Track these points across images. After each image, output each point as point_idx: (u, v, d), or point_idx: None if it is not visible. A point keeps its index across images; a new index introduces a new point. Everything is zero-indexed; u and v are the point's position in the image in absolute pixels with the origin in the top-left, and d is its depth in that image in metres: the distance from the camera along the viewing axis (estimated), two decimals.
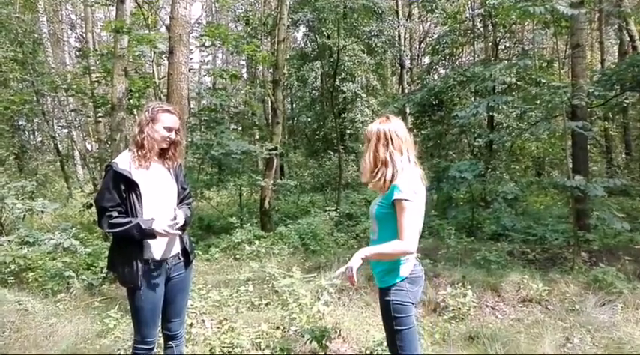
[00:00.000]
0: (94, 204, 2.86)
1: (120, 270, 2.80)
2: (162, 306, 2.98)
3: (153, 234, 2.69)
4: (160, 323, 3.00)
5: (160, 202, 2.84)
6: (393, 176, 2.52)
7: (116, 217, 2.68)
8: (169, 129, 2.87)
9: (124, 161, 2.78)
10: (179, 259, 2.97)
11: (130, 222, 2.66)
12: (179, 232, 2.81)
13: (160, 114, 2.84)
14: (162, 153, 2.93)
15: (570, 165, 6.39)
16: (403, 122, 2.69)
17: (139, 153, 2.79)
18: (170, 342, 3.10)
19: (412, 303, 2.58)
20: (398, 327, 2.54)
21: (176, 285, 3.00)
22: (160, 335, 3.16)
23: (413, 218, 2.45)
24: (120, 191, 2.70)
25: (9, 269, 6.22)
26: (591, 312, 4.51)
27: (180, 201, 3.01)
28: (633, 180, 12.47)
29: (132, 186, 2.72)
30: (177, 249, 2.95)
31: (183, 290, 3.07)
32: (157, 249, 2.82)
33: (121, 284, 2.91)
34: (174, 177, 2.98)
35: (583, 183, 5.50)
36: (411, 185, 2.48)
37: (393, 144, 2.56)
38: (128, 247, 2.75)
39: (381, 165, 2.56)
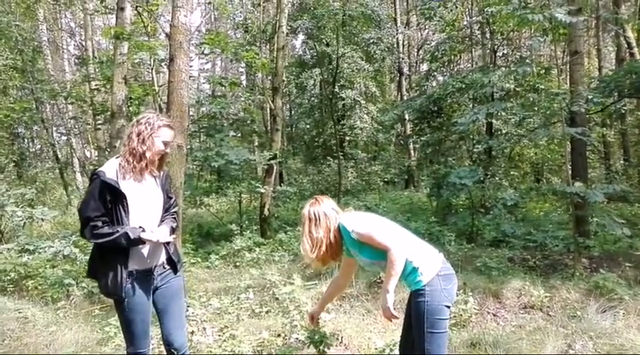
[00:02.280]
0: (77, 213, 2.80)
1: (103, 281, 2.72)
2: (159, 318, 2.96)
3: (142, 242, 2.66)
4: (150, 334, 2.94)
5: (146, 212, 2.80)
6: (335, 237, 2.72)
7: (101, 227, 2.61)
8: (166, 144, 2.87)
9: (111, 170, 2.72)
10: (164, 268, 2.93)
11: (117, 231, 2.60)
12: (171, 239, 2.81)
13: (162, 129, 2.83)
14: (155, 164, 2.91)
15: (570, 172, 6.39)
16: (331, 200, 2.89)
17: (137, 164, 2.75)
18: None
19: (448, 307, 2.58)
20: (430, 330, 2.50)
21: (166, 294, 2.94)
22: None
23: (375, 228, 2.61)
24: (105, 201, 2.64)
25: (9, 277, 6.21)
26: (593, 319, 4.50)
27: (166, 211, 2.97)
28: (632, 186, 12.49)
29: (119, 196, 2.67)
30: (162, 258, 2.91)
31: (174, 298, 2.99)
32: (140, 259, 2.77)
33: (103, 295, 2.86)
34: (161, 186, 2.94)
35: (583, 189, 5.51)
36: (351, 215, 2.78)
37: (321, 223, 2.73)
38: (112, 257, 2.68)
39: (319, 243, 2.70)
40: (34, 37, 16.56)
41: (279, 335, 4.31)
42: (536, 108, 7.43)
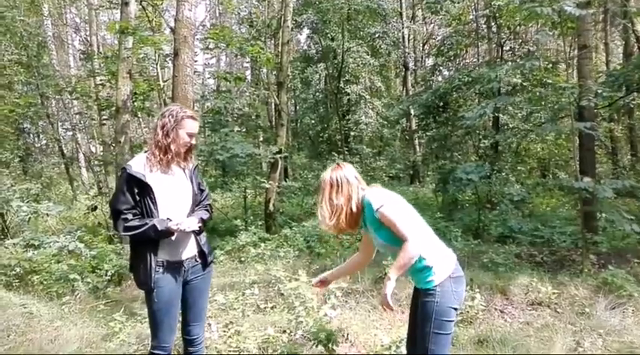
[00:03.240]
0: (108, 207, 2.85)
1: (135, 272, 2.81)
2: (182, 310, 2.97)
3: (170, 233, 2.69)
4: (175, 329, 2.96)
5: (175, 204, 2.82)
6: (357, 208, 2.63)
7: (131, 220, 2.68)
8: (191, 136, 2.88)
9: (139, 164, 2.78)
10: (196, 261, 2.94)
11: (146, 224, 2.65)
12: (196, 227, 2.79)
13: (185, 120, 2.84)
14: (182, 156, 2.92)
15: (578, 167, 6.31)
16: (353, 167, 2.78)
17: (163, 157, 2.80)
18: (189, 349, 3.05)
19: (456, 309, 2.50)
20: (436, 330, 2.43)
21: (195, 288, 2.97)
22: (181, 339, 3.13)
23: (400, 215, 2.48)
24: (133, 193, 2.71)
25: (14, 272, 6.22)
26: (601, 316, 4.45)
27: (198, 204, 2.99)
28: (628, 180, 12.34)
29: (145, 189, 2.71)
30: (193, 251, 2.92)
31: (202, 293, 3.04)
32: (172, 250, 2.80)
33: (137, 286, 2.90)
34: (189, 179, 2.96)
35: (591, 184, 5.44)
36: (379, 192, 2.62)
37: (343, 190, 2.64)
38: (143, 248, 2.74)
39: (339, 211, 2.62)
40: (38, 32, 16.53)
41: (284, 332, 4.29)
42: (544, 103, 7.33)
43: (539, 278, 5.28)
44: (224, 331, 4.34)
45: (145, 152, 2.87)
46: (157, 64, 11.61)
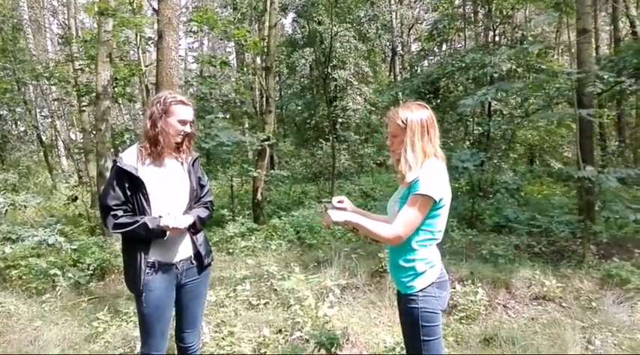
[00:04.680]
0: (98, 202, 2.59)
1: (125, 273, 2.61)
2: (176, 315, 2.74)
3: (163, 232, 2.45)
4: (167, 336, 2.71)
5: (169, 200, 2.57)
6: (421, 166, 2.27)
7: (121, 216, 2.45)
8: (184, 123, 2.60)
9: (131, 156, 2.54)
10: (191, 264, 2.69)
11: (137, 221, 2.42)
12: (186, 224, 2.53)
13: (173, 107, 2.56)
14: (176, 147, 2.66)
15: (579, 155, 6.12)
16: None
17: (153, 149, 2.54)
18: None
19: (441, 311, 2.34)
20: (426, 338, 2.28)
21: (189, 292, 2.72)
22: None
23: (417, 212, 2.21)
24: (124, 188, 2.47)
25: None
26: (609, 310, 4.29)
27: (198, 200, 2.73)
28: (628, 168, 12.31)
29: (137, 183, 2.47)
30: (188, 252, 2.67)
31: (197, 298, 2.78)
32: (164, 250, 2.56)
33: (128, 288, 2.66)
34: (188, 173, 2.69)
35: (594, 173, 5.27)
36: (433, 178, 2.23)
37: (430, 135, 2.31)
38: (133, 247, 2.52)
39: (426, 158, 2.29)
40: (13, 15, 15.92)
41: (280, 332, 4.06)
42: (544, 89, 7.13)
43: (542, 270, 5.10)
44: (216, 331, 4.10)
45: (139, 143, 2.61)
46: (138, 48, 11.18)
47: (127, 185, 2.47)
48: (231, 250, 7.41)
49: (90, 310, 5.04)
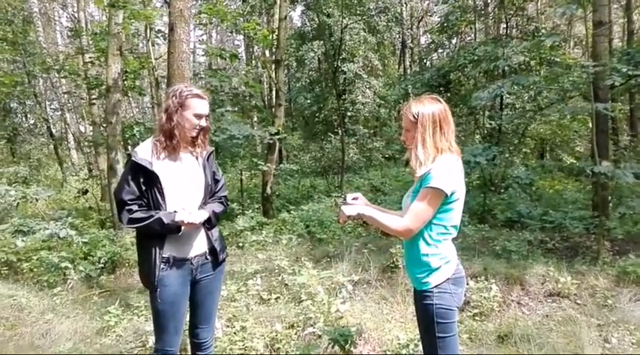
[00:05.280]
0: (114, 196, 2.57)
1: (140, 268, 2.59)
2: (190, 311, 2.72)
3: (178, 228, 2.42)
4: (181, 332, 2.69)
5: (184, 195, 2.54)
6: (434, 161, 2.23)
7: (136, 211, 2.42)
8: (200, 117, 2.55)
9: (146, 150, 2.51)
10: (206, 259, 2.66)
11: (152, 216, 2.39)
12: (202, 219, 2.50)
13: (189, 100, 2.52)
14: (191, 141, 2.62)
15: (596, 149, 6.02)
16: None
17: (168, 143, 2.51)
18: (197, 353, 2.81)
19: (457, 308, 2.31)
20: (441, 334, 2.25)
21: (204, 288, 2.70)
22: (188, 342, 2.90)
23: (428, 206, 2.18)
24: (139, 183, 2.45)
25: (3, 259, 5.92)
26: (625, 308, 4.23)
27: (212, 195, 2.70)
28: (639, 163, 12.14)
29: (152, 178, 2.44)
30: (203, 247, 2.64)
31: (211, 294, 2.76)
32: (179, 246, 2.53)
33: (142, 284, 2.64)
34: (202, 167, 2.66)
35: (611, 169, 5.19)
36: (446, 172, 2.19)
37: (442, 129, 2.26)
38: (147, 242, 2.49)
39: (438, 153, 2.24)
40: (23, 7, 15.94)
41: (292, 327, 4.03)
42: (559, 83, 7.01)
43: (556, 267, 5.04)
44: (227, 325, 4.08)
45: (154, 137, 2.58)
46: (148, 41, 11.15)
47: (141, 179, 2.44)
48: (241, 244, 7.40)
49: (101, 303, 5.03)
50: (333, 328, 3.60)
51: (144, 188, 2.45)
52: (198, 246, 2.61)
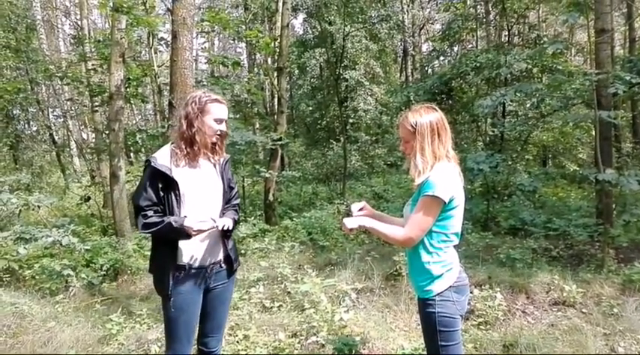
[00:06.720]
0: (132, 202, 2.56)
1: (153, 275, 2.56)
2: (201, 319, 2.67)
3: (187, 234, 2.38)
4: (193, 340, 2.65)
5: (202, 203, 2.52)
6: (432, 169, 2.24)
7: (151, 217, 2.39)
8: (220, 121, 2.54)
9: (164, 157, 2.49)
10: (221, 267, 2.62)
11: (163, 221, 2.36)
12: (214, 226, 2.45)
13: (209, 105, 2.51)
14: (211, 147, 2.60)
15: (600, 157, 6.00)
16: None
17: (189, 150, 2.48)
18: None
19: (460, 316, 2.30)
20: (444, 343, 2.24)
21: (217, 297, 2.66)
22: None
23: (427, 215, 2.19)
24: (157, 189, 2.42)
25: (5, 267, 5.90)
26: (632, 317, 4.18)
27: (227, 202, 2.67)
28: None
29: (171, 184, 2.42)
30: (219, 255, 2.60)
31: (223, 303, 2.73)
32: (194, 253, 2.49)
33: (156, 291, 2.61)
34: (220, 174, 2.63)
35: (615, 176, 5.16)
36: (445, 178, 2.20)
37: (440, 137, 2.28)
38: (162, 250, 2.49)
39: (436, 160, 2.26)
40: (27, 15, 16.01)
41: (295, 336, 4.00)
42: (561, 90, 7.00)
43: (561, 275, 5.01)
44: (230, 334, 4.05)
45: (172, 144, 2.56)
46: (150, 48, 11.18)
47: (160, 185, 2.43)
48: (243, 251, 7.37)
49: (103, 311, 5.02)
50: (337, 337, 3.58)
51: (162, 194, 2.43)
52: (214, 253, 2.58)
